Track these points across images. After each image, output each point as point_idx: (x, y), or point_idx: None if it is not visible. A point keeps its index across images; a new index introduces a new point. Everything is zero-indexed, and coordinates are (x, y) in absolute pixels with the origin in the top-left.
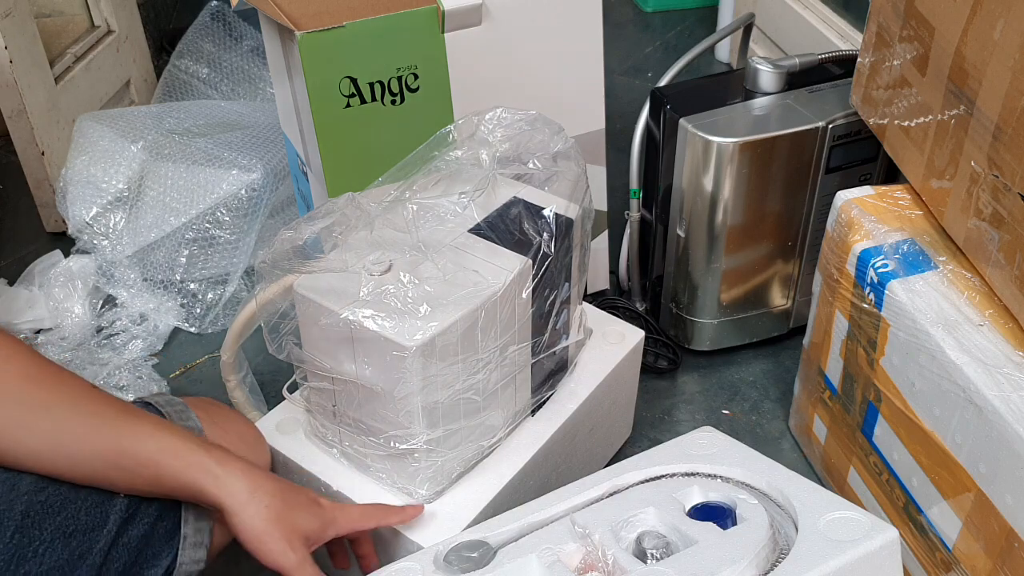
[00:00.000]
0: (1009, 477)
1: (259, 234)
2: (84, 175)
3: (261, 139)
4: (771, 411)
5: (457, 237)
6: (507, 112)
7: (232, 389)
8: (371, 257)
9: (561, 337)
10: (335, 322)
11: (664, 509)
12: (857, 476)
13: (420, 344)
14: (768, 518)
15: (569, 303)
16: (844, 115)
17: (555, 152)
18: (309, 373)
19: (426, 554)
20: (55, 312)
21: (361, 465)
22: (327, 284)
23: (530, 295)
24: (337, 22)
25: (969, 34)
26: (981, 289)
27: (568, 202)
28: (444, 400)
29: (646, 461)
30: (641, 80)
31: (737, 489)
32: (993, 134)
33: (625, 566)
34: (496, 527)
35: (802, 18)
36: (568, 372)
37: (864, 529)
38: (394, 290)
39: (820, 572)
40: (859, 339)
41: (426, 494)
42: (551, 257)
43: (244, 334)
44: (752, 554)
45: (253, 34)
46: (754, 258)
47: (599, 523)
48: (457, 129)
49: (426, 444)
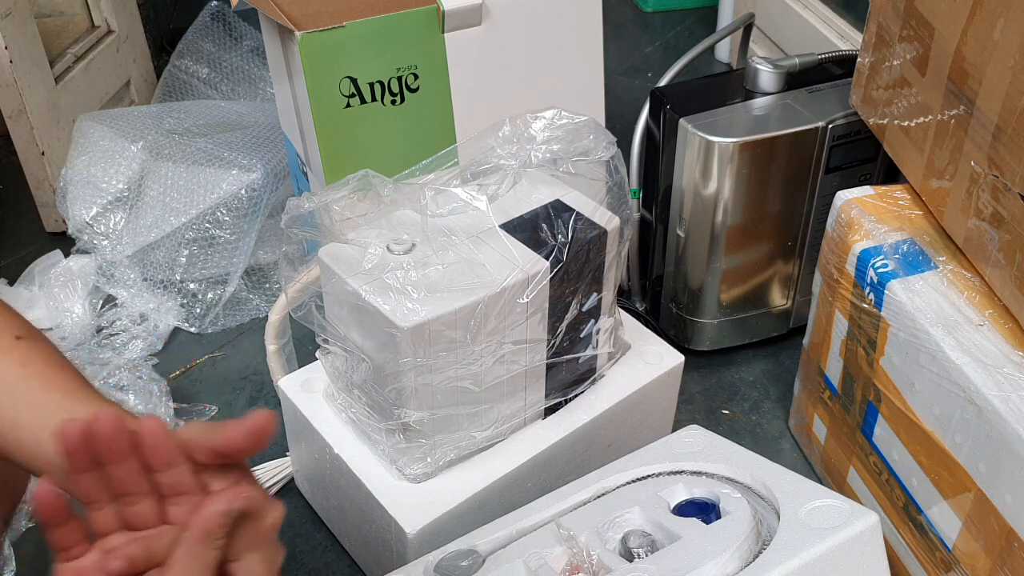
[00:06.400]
0: (1009, 477)
1: (259, 234)
2: (84, 175)
3: (261, 139)
4: (771, 411)
5: (486, 229)
6: (562, 115)
7: (271, 354)
8: (395, 236)
9: (586, 346)
10: (342, 290)
11: (649, 508)
12: (857, 476)
13: (412, 326)
14: (751, 510)
15: (598, 313)
16: (844, 115)
17: (599, 160)
18: (326, 338)
19: (416, 565)
20: (55, 312)
21: (363, 434)
22: (348, 255)
23: (544, 296)
24: (337, 22)
25: (969, 34)
26: (981, 289)
27: (609, 212)
28: (437, 384)
29: (632, 462)
30: (641, 80)
31: (721, 484)
32: (993, 134)
33: (610, 566)
34: (485, 535)
35: (802, 18)
36: (592, 383)
37: (844, 516)
38: (402, 271)
39: (801, 560)
40: (859, 339)
41: (415, 473)
42: (572, 263)
43: (297, 300)
44: (735, 546)
45: (253, 34)
46: (754, 258)
47: (585, 525)
48: (510, 124)
49: (416, 423)
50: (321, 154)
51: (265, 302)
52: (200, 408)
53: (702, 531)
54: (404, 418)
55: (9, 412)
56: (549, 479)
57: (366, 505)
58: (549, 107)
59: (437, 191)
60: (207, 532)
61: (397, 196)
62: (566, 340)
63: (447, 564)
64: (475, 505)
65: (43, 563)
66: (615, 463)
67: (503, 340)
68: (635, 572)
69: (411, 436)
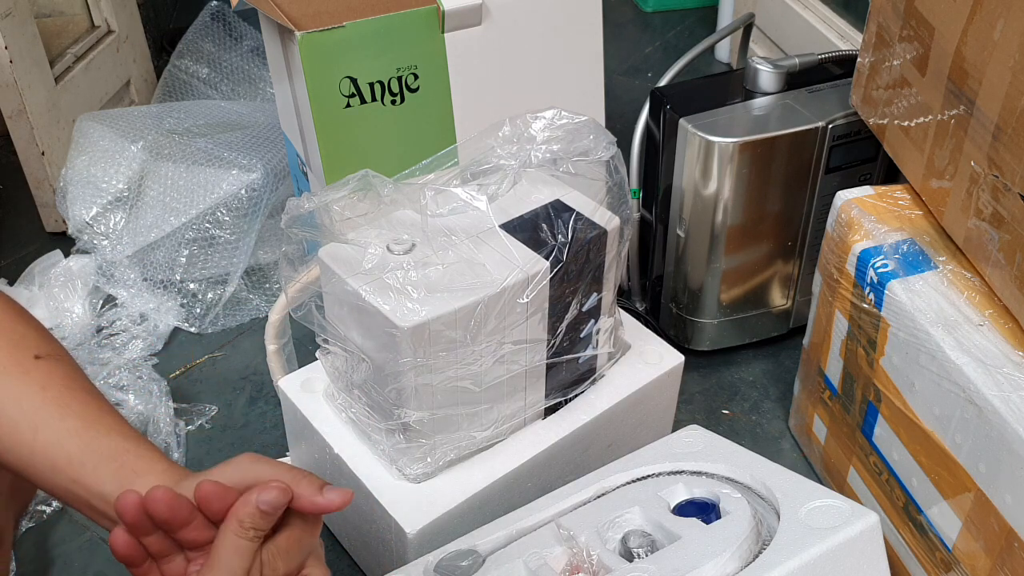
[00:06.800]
0: (1009, 477)
1: (259, 234)
2: (84, 175)
3: (261, 139)
4: (771, 411)
5: (486, 229)
6: (562, 115)
7: (271, 353)
8: (395, 236)
9: (586, 346)
10: (342, 290)
11: (649, 508)
12: (857, 476)
13: (412, 326)
14: (751, 510)
15: (598, 313)
16: (844, 115)
17: (599, 160)
18: (326, 338)
19: (416, 565)
20: (55, 312)
21: (363, 434)
22: (348, 255)
23: (544, 296)
24: (337, 22)
25: (969, 34)
26: (981, 289)
27: (609, 212)
28: (437, 384)
29: (632, 462)
30: (641, 80)
31: (721, 484)
32: (993, 134)
33: (610, 566)
34: (485, 535)
35: (802, 18)
36: (592, 382)
37: (844, 516)
38: (402, 271)
39: (800, 560)
40: (859, 339)
41: (416, 473)
42: (572, 263)
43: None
44: (735, 546)
45: (253, 34)
46: (754, 258)
47: (585, 525)
48: (510, 124)
49: (416, 423)
50: (321, 154)
51: (265, 302)
52: (200, 408)
53: (702, 531)
54: (404, 418)
55: (28, 440)
56: (549, 479)
57: (366, 505)
58: (549, 107)
59: (437, 191)
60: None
61: (397, 196)
62: (566, 340)
63: (447, 564)
64: (475, 505)
65: (43, 563)
66: (615, 463)
67: (503, 340)
68: (635, 572)
69: (411, 436)
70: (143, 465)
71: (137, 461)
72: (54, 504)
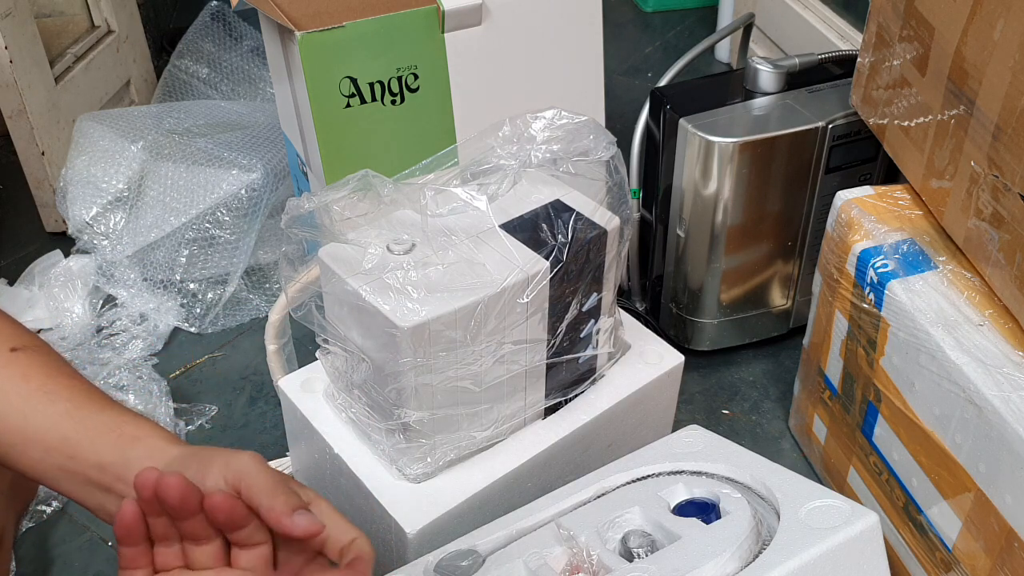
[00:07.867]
0: (1009, 477)
1: (259, 234)
2: (84, 175)
3: (261, 139)
4: (771, 411)
5: (486, 229)
6: (562, 115)
7: (271, 353)
8: (395, 236)
9: (586, 346)
10: (342, 290)
11: (649, 508)
12: (857, 476)
13: (412, 326)
14: (751, 510)
15: (598, 313)
16: (844, 115)
17: (599, 160)
18: (326, 338)
19: (416, 565)
20: (55, 312)
21: (363, 434)
22: (348, 255)
23: (544, 296)
24: (337, 22)
25: (969, 34)
26: (981, 289)
27: (609, 212)
28: (437, 384)
29: (633, 462)
30: (641, 80)
31: (721, 484)
32: (993, 134)
33: (610, 566)
34: (485, 535)
35: (802, 18)
36: (592, 383)
37: (844, 516)
38: (402, 271)
39: (801, 560)
40: (859, 339)
41: (416, 473)
42: (572, 263)
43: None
44: (735, 546)
45: (253, 34)
46: (754, 258)
47: (585, 525)
48: (510, 124)
49: (416, 423)
50: (321, 154)
51: (265, 302)
52: (200, 408)
53: (702, 531)
54: (404, 418)
55: (18, 427)
56: (549, 479)
57: (366, 505)
58: (549, 107)
59: (437, 191)
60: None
61: (397, 196)
62: (566, 340)
63: (447, 564)
64: (475, 505)
65: (43, 563)
66: (615, 463)
67: (503, 340)
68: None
69: (411, 436)
70: (143, 431)
71: (136, 428)
72: (54, 504)
